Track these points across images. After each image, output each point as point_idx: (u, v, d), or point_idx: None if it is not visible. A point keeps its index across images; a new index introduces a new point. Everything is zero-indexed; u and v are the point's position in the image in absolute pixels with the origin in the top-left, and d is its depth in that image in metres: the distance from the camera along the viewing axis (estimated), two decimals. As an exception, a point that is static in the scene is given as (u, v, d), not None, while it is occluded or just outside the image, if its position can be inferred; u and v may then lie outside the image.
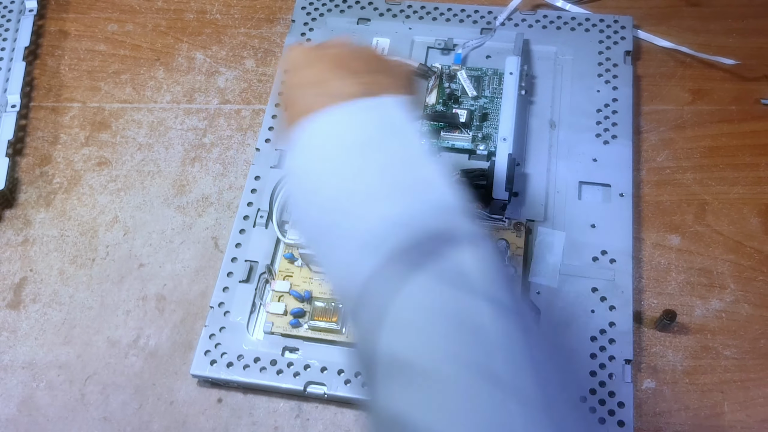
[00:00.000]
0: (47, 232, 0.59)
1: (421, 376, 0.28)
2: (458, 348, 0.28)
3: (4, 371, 0.53)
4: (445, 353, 0.28)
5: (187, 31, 0.70)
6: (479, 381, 0.27)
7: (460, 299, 0.29)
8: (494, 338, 0.28)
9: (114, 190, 0.61)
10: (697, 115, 0.61)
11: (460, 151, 0.58)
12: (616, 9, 0.67)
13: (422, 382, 0.27)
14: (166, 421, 0.50)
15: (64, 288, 0.56)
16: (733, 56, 0.62)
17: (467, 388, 0.27)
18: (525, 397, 0.27)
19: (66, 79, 0.68)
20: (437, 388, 0.27)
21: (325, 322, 0.50)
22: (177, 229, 0.58)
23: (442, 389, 0.27)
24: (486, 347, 0.28)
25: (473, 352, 0.27)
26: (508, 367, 0.27)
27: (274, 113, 0.62)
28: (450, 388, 0.27)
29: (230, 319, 0.52)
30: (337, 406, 0.50)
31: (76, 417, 0.51)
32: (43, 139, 0.64)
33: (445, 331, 0.28)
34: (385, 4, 0.67)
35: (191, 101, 0.65)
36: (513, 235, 0.53)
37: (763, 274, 0.53)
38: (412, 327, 0.29)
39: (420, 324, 0.29)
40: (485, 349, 0.28)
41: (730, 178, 0.58)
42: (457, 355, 0.28)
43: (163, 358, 0.53)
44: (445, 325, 0.28)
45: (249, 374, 0.50)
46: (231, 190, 0.60)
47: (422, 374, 0.28)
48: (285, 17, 0.70)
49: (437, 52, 0.64)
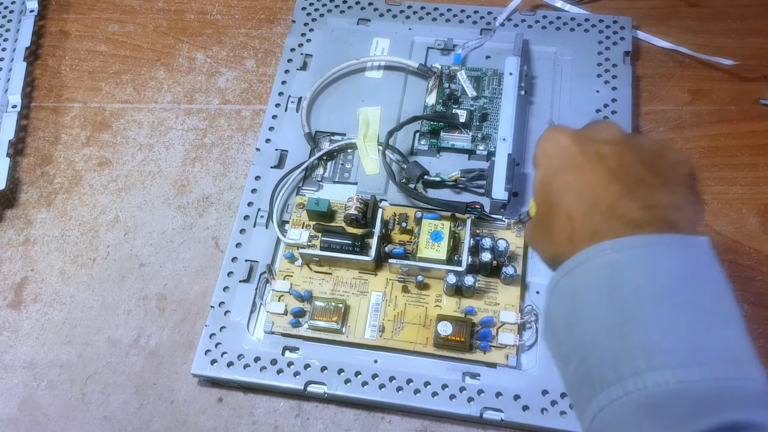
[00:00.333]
0: (48, 232, 0.59)
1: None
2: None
3: (5, 371, 0.53)
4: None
5: (188, 31, 0.70)
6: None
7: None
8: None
9: (115, 190, 0.61)
10: (696, 115, 0.61)
11: (459, 151, 0.58)
12: (616, 9, 0.67)
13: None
14: (166, 420, 0.50)
15: (65, 288, 0.56)
16: (732, 57, 0.62)
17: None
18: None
19: (67, 80, 0.68)
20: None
21: (325, 321, 0.50)
22: (177, 229, 0.58)
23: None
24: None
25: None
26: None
27: (274, 113, 0.62)
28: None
29: (231, 318, 0.52)
30: (337, 406, 0.50)
31: (77, 416, 0.51)
32: (44, 140, 0.64)
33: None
34: (385, 5, 0.67)
35: (192, 101, 0.65)
36: (513, 235, 0.54)
37: (762, 273, 0.53)
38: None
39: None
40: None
41: (729, 178, 0.58)
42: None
43: (163, 357, 0.53)
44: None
45: (249, 374, 0.50)
46: (231, 190, 0.60)
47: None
48: (285, 18, 0.70)
49: (437, 52, 0.64)
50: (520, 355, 0.50)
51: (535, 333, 0.50)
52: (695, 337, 0.27)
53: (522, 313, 0.51)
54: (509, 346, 0.49)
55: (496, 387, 0.48)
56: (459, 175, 0.56)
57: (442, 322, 0.49)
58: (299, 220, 0.56)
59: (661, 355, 0.27)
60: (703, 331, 0.28)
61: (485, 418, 0.48)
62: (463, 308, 0.51)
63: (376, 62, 0.64)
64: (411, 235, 0.54)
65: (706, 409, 0.26)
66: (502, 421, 0.47)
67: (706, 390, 0.27)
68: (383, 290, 0.52)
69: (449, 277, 0.50)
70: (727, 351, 0.28)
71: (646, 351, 0.27)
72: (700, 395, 0.26)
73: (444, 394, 0.48)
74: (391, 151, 0.57)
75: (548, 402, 0.47)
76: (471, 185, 0.56)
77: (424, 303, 0.51)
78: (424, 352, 0.50)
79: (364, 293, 0.52)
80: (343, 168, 0.59)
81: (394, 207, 0.56)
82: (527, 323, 0.51)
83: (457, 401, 0.48)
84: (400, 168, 0.57)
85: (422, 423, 0.49)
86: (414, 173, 0.55)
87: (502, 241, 0.51)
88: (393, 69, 0.63)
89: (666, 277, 0.29)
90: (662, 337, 0.28)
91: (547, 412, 0.47)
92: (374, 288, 0.52)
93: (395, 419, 0.49)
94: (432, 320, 0.50)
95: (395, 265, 0.52)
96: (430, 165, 0.57)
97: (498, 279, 0.52)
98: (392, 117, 0.60)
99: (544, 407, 0.47)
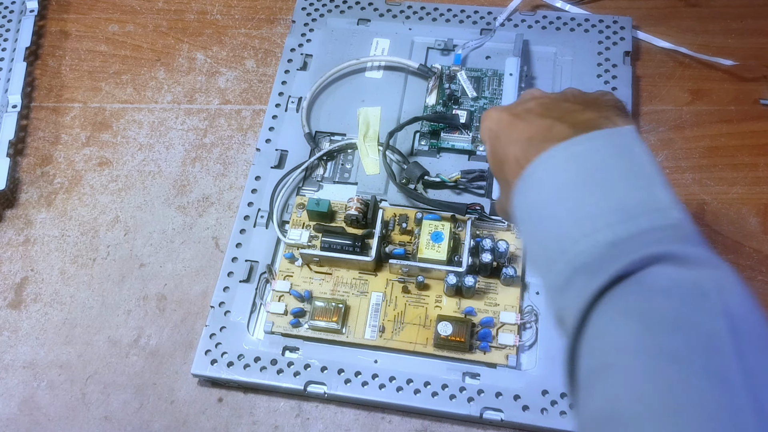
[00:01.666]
0: (48, 232, 0.59)
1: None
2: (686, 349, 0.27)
3: (5, 371, 0.53)
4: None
5: (188, 31, 0.70)
6: (707, 382, 0.26)
7: (695, 307, 0.28)
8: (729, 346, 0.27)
9: (115, 190, 0.61)
10: (696, 115, 0.61)
11: (460, 152, 0.58)
12: (616, 9, 0.67)
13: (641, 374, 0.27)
14: (166, 420, 0.50)
15: (65, 288, 0.56)
16: (732, 57, 0.62)
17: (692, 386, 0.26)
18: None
19: (67, 80, 0.68)
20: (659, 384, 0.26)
21: (326, 321, 0.50)
22: (178, 229, 0.58)
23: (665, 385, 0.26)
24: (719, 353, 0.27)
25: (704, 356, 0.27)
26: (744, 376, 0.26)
27: (274, 113, 0.62)
28: (675, 385, 0.26)
29: (231, 318, 0.52)
30: (337, 406, 0.50)
31: (77, 416, 0.51)
32: (44, 140, 0.64)
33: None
34: (385, 5, 0.67)
35: (192, 101, 0.65)
36: (513, 236, 0.54)
37: (762, 273, 0.53)
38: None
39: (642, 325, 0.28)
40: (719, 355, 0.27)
41: (729, 178, 0.58)
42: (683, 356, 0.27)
43: (163, 357, 0.53)
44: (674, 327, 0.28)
45: (249, 374, 0.50)
46: (231, 190, 0.60)
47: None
48: (285, 18, 0.70)
49: (437, 52, 0.64)
50: (520, 355, 0.50)
51: (535, 333, 0.50)
52: (620, 201, 0.32)
53: (522, 313, 0.51)
54: (509, 347, 0.49)
55: (496, 387, 0.48)
56: (459, 175, 0.56)
57: (442, 322, 0.49)
58: (299, 220, 0.56)
59: (590, 221, 0.31)
60: (629, 193, 0.32)
61: (485, 418, 0.48)
62: (463, 309, 0.51)
63: (376, 62, 0.64)
64: (411, 236, 0.54)
65: (628, 249, 0.30)
66: (502, 421, 0.48)
67: (603, 248, 0.30)
68: (383, 290, 0.52)
69: (449, 277, 0.50)
70: (650, 204, 0.31)
71: (578, 222, 0.32)
72: (598, 256, 0.30)
73: (444, 394, 0.48)
74: (392, 152, 0.57)
75: (548, 402, 0.47)
76: (471, 186, 0.56)
77: (424, 303, 0.51)
78: (424, 353, 0.50)
79: (364, 293, 0.52)
80: (343, 168, 0.59)
81: (394, 207, 0.56)
82: (527, 324, 0.51)
83: (457, 401, 0.48)
84: (400, 168, 0.57)
85: (422, 423, 0.49)
86: (414, 174, 0.55)
87: (502, 242, 0.51)
88: (393, 69, 0.63)
89: (589, 162, 0.33)
90: (591, 207, 0.32)
91: (546, 412, 0.47)
92: (374, 288, 0.52)
93: (395, 419, 0.49)
94: (432, 320, 0.50)
95: (395, 266, 0.52)
96: (430, 165, 0.57)
97: (498, 280, 0.52)
98: (392, 117, 0.60)
99: (544, 407, 0.47)
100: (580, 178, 0.33)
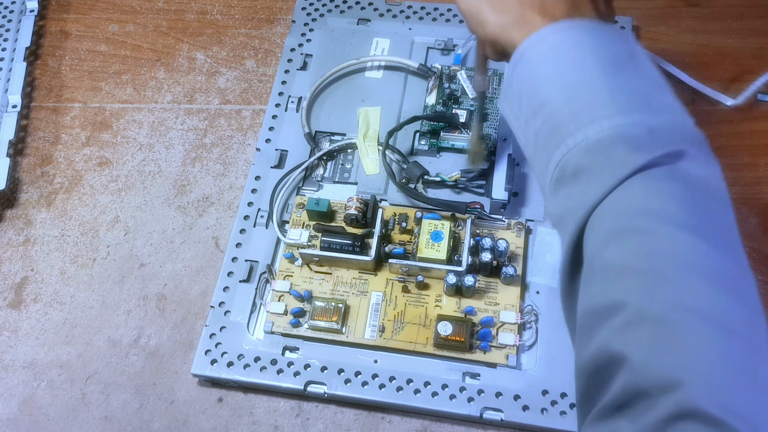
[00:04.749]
0: (48, 231, 0.59)
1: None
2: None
3: (5, 371, 0.53)
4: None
5: (188, 31, 0.70)
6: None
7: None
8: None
9: (115, 190, 0.61)
10: (696, 115, 0.60)
11: (459, 151, 0.58)
12: (616, 9, 0.67)
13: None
14: (166, 420, 0.50)
15: (65, 288, 0.56)
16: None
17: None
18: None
19: (67, 80, 0.68)
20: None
21: (325, 321, 0.50)
22: (178, 228, 0.58)
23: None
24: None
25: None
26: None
27: (274, 113, 0.62)
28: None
29: (231, 318, 0.52)
30: (337, 406, 0.50)
31: (77, 416, 0.51)
32: (44, 140, 0.64)
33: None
34: (385, 5, 0.67)
35: (192, 101, 0.65)
36: (513, 235, 0.54)
37: (762, 274, 0.53)
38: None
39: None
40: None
41: (728, 178, 0.56)
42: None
43: (163, 357, 0.53)
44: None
45: (249, 374, 0.50)
46: (231, 190, 0.60)
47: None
48: (285, 18, 0.70)
49: (437, 52, 0.64)
50: (520, 355, 0.50)
51: (535, 333, 0.50)
52: (633, 94, 0.34)
53: (522, 313, 0.51)
54: (509, 346, 0.49)
55: (496, 387, 0.48)
56: (459, 175, 0.56)
57: (442, 322, 0.49)
58: (299, 220, 0.56)
59: (600, 108, 0.33)
60: (640, 90, 0.34)
61: (485, 418, 0.48)
62: (463, 308, 0.51)
63: (376, 62, 0.64)
64: (411, 235, 0.54)
65: (649, 145, 0.32)
66: (502, 421, 0.48)
67: (644, 131, 0.32)
68: (383, 290, 0.52)
69: (449, 277, 0.50)
70: (662, 104, 0.34)
71: (589, 107, 0.33)
72: (639, 136, 0.32)
73: (444, 394, 0.48)
74: (391, 151, 0.57)
75: (548, 402, 0.47)
76: (471, 185, 0.56)
77: (424, 303, 0.51)
78: (424, 352, 0.50)
79: (364, 293, 0.52)
80: (343, 168, 0.59)
81: (394, 207, 0.56)
82: (527, 323, 0.51)
83: (457, 401, 0.48)
84: (400, 168, 0.57)
85: (422, 423, 0.49)
86: (414, 173, 0.55)
87: (502, 241, 0.51)
88: (393, 69, 0.63)
89: (606, 49, 0.35)
90: (604, 94, 0.34)
91: (547, 412, 0.47)
92: (374, 288, 0.52)
93: (395, 419, 0.49)
94: (432, 320, 0.50)
95: (395, 265, 0.52)
96: (430, 165, 0.57)
97: (498, 279, 0.52)
98: (392, 117, 0.60)
99: (544, 407, 0.47)
100: (601, 60, 0.34)
